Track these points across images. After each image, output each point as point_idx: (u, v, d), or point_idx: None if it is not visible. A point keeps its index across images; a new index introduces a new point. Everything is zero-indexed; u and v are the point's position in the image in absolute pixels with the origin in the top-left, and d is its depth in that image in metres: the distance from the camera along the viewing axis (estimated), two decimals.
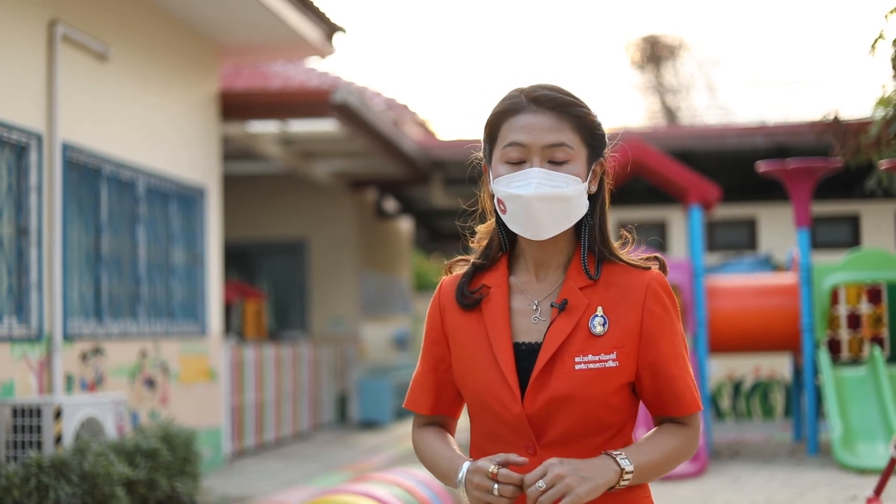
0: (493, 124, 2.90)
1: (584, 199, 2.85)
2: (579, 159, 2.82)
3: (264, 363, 15.47)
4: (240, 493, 11.11)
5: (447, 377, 2.97)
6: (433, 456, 2.95)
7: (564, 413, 2.77)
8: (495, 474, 2.66)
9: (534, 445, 2.78)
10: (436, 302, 3.01)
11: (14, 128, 9.05)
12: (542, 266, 2.90)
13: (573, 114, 2.82)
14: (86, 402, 8.83)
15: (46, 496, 7.72)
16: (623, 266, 2.88)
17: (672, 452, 2.84)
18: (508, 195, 2.80)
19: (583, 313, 2.81)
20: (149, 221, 11.52)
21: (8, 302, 9.01)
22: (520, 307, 2.88)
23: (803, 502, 9.64)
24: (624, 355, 2.80)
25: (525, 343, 2.84)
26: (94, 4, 10.54)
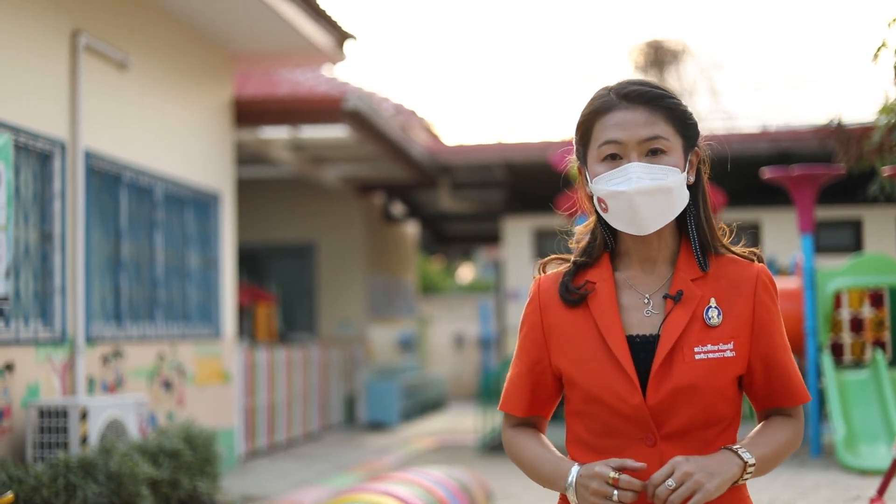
0: (585, 125, 2.89)
1: (685, 189, 2.84)
2: (675, 150, 2.82)
3: (275, 365, 15.72)
4: (254, 492, 11.34)
5: (543, 378, 2.94)
6: (533, 458, 2.90)
7: (686, 404, 2.75)
8: (616, 480, 2.64)
9: (654, 437, 2.76)
10: (534, 301, 2.97)
11: (39, 136, 9.28)
12: (647, 261, 2.89)
13: (664, 105, 2.83)
14: (110, 403, 9.07)
15: (74, 495, 7.95)
16: (729, 258, 2.89)
17: (785, 444, 2.85)
18: (609, 193, 2.80)
19: (697, 304, 2.81)
20: (166, 226, 11.76)
21: (33, 306, 9.25)
22: (629, 302, 2.87)
23: (806, 502, 9.87)
24: (739, 346, 2.80)
25: (639, 336, 2.82)
26: (114, 14, 10.78)
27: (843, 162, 11.99)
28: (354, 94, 14.47)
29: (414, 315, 25.54)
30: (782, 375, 2.85)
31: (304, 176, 18.57)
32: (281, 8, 12.17)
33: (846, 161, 11.97)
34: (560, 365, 2.89)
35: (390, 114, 17.77)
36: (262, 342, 16.85)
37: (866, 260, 13.39)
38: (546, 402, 2.97)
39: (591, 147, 2.86)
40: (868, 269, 13.21)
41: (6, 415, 8.61)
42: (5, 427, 8.58)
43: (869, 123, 11.61)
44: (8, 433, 8.60)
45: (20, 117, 9.02)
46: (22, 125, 9.02)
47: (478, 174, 19.80)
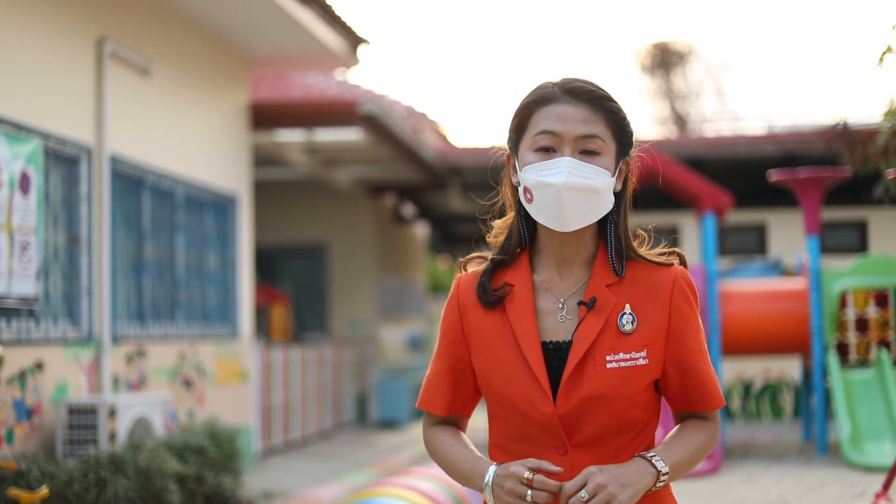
0: (523, 113, 2.84)
1: (611, 194, 2.80)
2: (609, 154, 2.78)
3: (290, 365, 15.98)
4: (274, 488, 11.60)
5: (464, 377, 2.91)
6: (451, 456, 2.90)
7: (596, 412, 2.73)
8: (530, 480, 2.62)
9: (565, 445, 2.74)
10: (454, 300, 2.94)
11: (67, 141, 9.54)
12: (564, 262, 2.85)
13: (606, 108, 2.79)
14: (137, 401, 9.33)
15: (105, 490, 8.20)
16: (645, 263, 2.85)
17: (699, 448, 2.83)
18: (538, 183, 2.75)
19: (611, 311, 2.77)
20: (186, 228, 12.02)
21: (62, 306, 9.51)
22: (545, 306, 2.83)
23: (814, 498, 10.11)
24: (653, 353, 2.76)
25: (553, 342, 2.78)
26: (137, 21, 11.03)
27: (849, 164, 12.20)
28: (370, 98, 14.73)
29: (423, 315, 25.78)
30: (697, 381, 2.82)
31: (316, 178, 18.83)
32: (298, 14, 12.42)
33: (852, 163, 12.16)
34: (477, 367, 2.86)
35: (402, 116, 18.02)
36: (277, 342, 17.11)
37: (871, 261, 13.61)
38: (467, 401, 2.96)
39: (525, 136, 2.82)
40: (873, 269, 13.43)
41: (36, 412, 8.86)
42: (35, 424, 8.84)
43: (874, 126, 11.83)
44: (38, 430, 8.86)
45: (49, 123, 9.28)
46: (51, 131, 9.27)
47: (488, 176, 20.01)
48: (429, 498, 6.92)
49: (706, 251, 13.52)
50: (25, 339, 8.75)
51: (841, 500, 9.97)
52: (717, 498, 10.26)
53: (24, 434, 8.67)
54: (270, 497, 11.05)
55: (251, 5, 11.98)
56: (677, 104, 38.82)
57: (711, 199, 13.56)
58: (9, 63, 8.85)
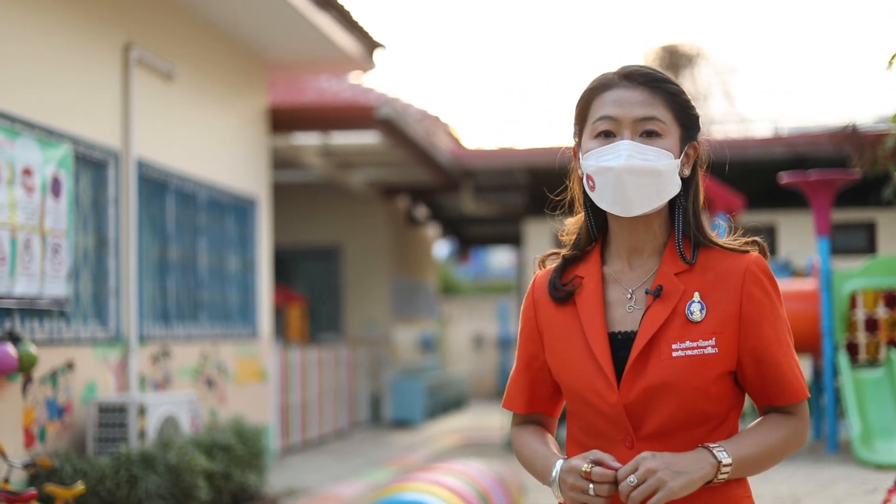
0: (583, 102, 2.83)
1: (676, 177, 2.75)
2: (671, 136, 2.74)
3: (307, 365, 16.21)
4: (295, 486, 11.82)
5: (541, 374, 2.89)
6: (528, 454, 2.86)
7: (662, 403, 2.66)
8: (589, 473, 2.58)
9: (631, 438, 2.68)
10: (529, 298, 2.93)
11: (95, 146, 9.76)
12: (635, 252, 2.81)
13: (665, 90, 2.75)
14: (165, 400, 9.56)
15: (136, 486, 8.42)
16: (720, 250, 2.77)
17: (777, 444, 2.71)
18: (598, 168, 2.72)
19: (679, 299, 2.70)
20: (208, 231, 12.24)
21: (91, 307, 9.73)
22: (615, 297, 2.79)
23: (825, 494, 10.30)
24: (723, 341, 2.67)
25: (621, 332, 2.74)
26: (161, 28, 11.26)
27: (858, 166, 12.37)
28: (387, 103, 14.95)
29: (434, 315, 25.99)
30: (775, 371, 2.71)
31: (331, 180, 19.06)
32: (316, 19, 12.63)
33: (860, 165, 12.34)
34: (550, 363, 2.85)
35: (416, 119, 18.25)
36: (294, 342, 17.34)
37: (880, 262, 13.78)
38: (548, 400, 2.94)
39: (586, 124, 2.80)
40: (882, 270, 13.59)
41: (67, 411, 9.09)
42: (67, 423, 9.06)
43: (883, 129, 12.01)
44: (69, 428, 9.08)
45: (79, 128, 9.51)
46: (80, 136, 9.50)
47: (500, 178, 20.24)
48: (454, 493, 7.13)
49: None
50: (57, 339, 8.97)
51: (852, 496, 10.15)
52: None
53: (55, 432, 8.89)
54: (294, 494, 11.28)
55: (271, 11, 12.20)
56: None
57: (722, 201, 13.76)
58: (40, 71, 9.07)
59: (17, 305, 8.34)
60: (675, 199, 2.78)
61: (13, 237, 8.23)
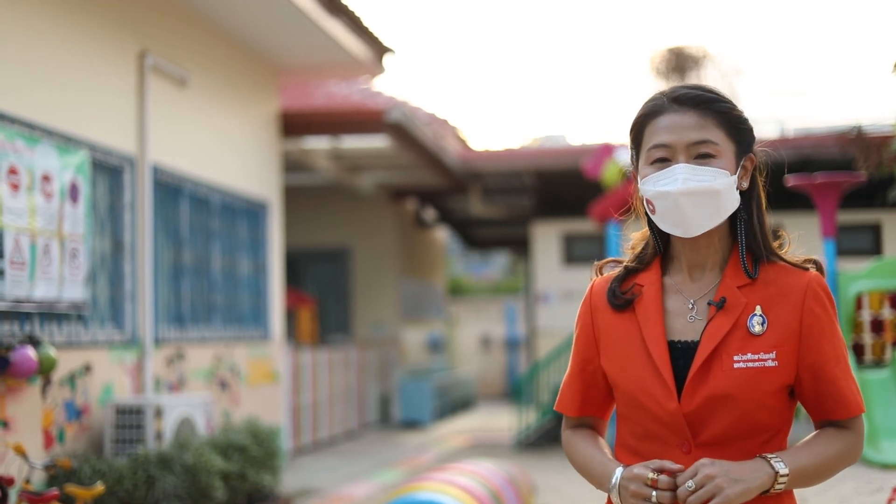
0: (636, 129, 2.89)
1: (735, 193, 2.80)
2: (726, 155, 2.78)
3: (318, 366, 16.36)
4: (308, 486, 11.97)
5: (595, 378, 2.95)
6: (584, 459, 2.91)
7: (722, 412, 2.72)
8: (655, 481, 2.63)
9: (689, 444, 2.73)
10: (587, 303, 2.99)
11: (111, 152, 9.92)
12: (696, 267, 2.87)
13: (716, 109, 2.80)
14: (181, 402, 9.71)
15: (154, 486, 8.57)
16: (781, 266, 2.84)
17: (833, 457, 2.77)
18: (656, 193, 2.78)
19: (741, 312, 2.76)
20: (221, 234, 12.39)
21: (108, 310, 9.89)
22: (675, 307, 2.85)
23: (832, 494, 10.43)
24: (783, 356, 2.74)
25: (681, 341, 2.80)
26: (175, 34, 11.41)
27: (863, 168, 12.47)
28: (396, 107, 15.10)
29: (442, 316, 26.12)
30: (833, 387, 2.77)
31: (340, 183, 19.21)
32: (327, 25, 12.77)
33: (866, 168, 12.44)
34: (606, 367, 2.90)
35: (425, 123, 18.40)
36: (304, 344, 17.49)
37: (886, 263, 13.84)
38: (600, 403, 2.99)
39: (642, 150, 2.85)
40: (888, 272, 13.64)
41: (85, 412, 9.24)
42: (85, 424, 9.21)
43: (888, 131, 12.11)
44: (87, 430, 9.23)
45: (95, 135, 9.66)
46: (97, 142, 9.65)
47: (508, 180, 20.38)
48: (467, 492, 7.27)
49: None
50: (75, 342, 9.12)
51: (858, 496, 10.28)
52: None
53: (74, 433, 9.04)
54: (307, 494, 11.43)
55: (283, 18, 12.34)
56: None
57: None
58: (58, 78, 9.23)
59: (37, 309, 8.49)
60: (735, 212, 2.84)
61: (33, 242, 8.38)
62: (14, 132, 8.28)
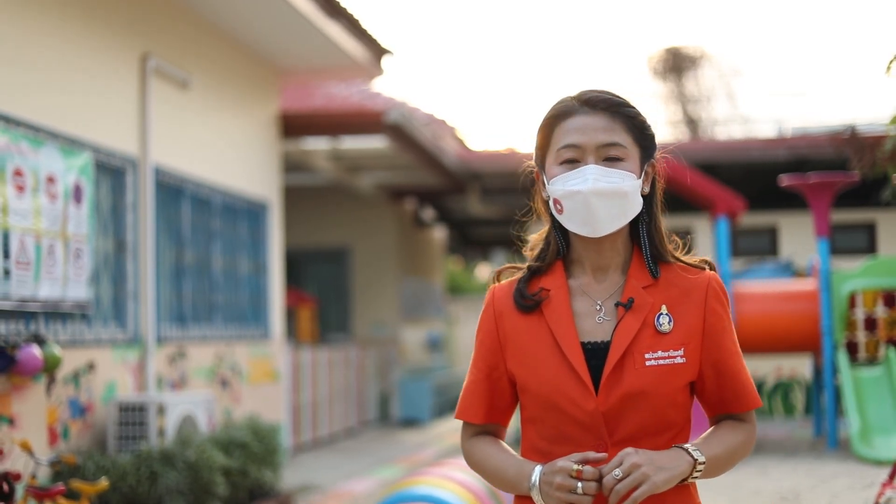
0: (546, 129, 2.92)
1: (639, 196, 2.87)
2: (632, 158, 2.84)
3: (318, 365, 16.52)
4: (308, 483, 12.12)
5: (500, 385, 2.96)
6: (495, 464, 2.92)
7: (636, 410, 2.78)
8: (580, 472, 2.66)
9: (605, 443, 2.78)
10: (489, 309, 2.99)
11: (114, 154, 10.07)
12: (599, 269, 2.91)
13: (624, 114, 2.85)
14: (183, 399, 9.86)
15: (156, 483, 8.72)
16: (680, 266, 2.92)
17: (736, 446, 2.88)
18: (566, 192, 2.81)
19: (648, 311, 2.82)
20: (222, 235, 12.54)
21: (111, 310, 10.04)
22: (582, 308, 2.88)
23: (825, 489, 10.56)
24: (690, 352, 2.82)
25: (591, 342, 2.83)
26: (177, 37, 11.56)
27: (857, 168, 12.59)
28: (395, 108, 15.26)
29: (441, 316, 26.25)
30: (733, 382, 2.88)
31: (340, 183, 19.35)
32: (326, 28, 12.91)
33: (860, 167, 12.55)
34: (515, 371, 2.90)
35: (423, 123, 18.55)
36: (305, 343, 17.64)
37: (880, 262, 13.99)
38: (504, 410, 2.99)
39: (550, 151, 2.88)
40: (881, 271, 13.79)
41: (89, 410, 9.39)
42: (89, 422, 9.36)
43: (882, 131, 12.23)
44: (91, 427, 9.39)
45: (98, 137, 9.81)
46: (100, 144, 9.80)
47: (507, 180, 20.51)
48: (465, 487, 7.41)
49: (720, 253, 13.96)
50: (79, 340, 9.27)
51: (851, 490, 10.41)
52: (733, 489, 10.71)
53: (78, 430, 9.19)
54: (309, 490, 11.58)
55: (283, 20, 12.48)
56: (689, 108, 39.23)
57: (725, 203, 14.01)
58: (62, 81, 9.38)
59: (42, 308, 8.63)
60: (637, 217, 2.92)
61: (38, 243, 8.53)
62: (19, 134, 8.43)
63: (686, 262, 2.94)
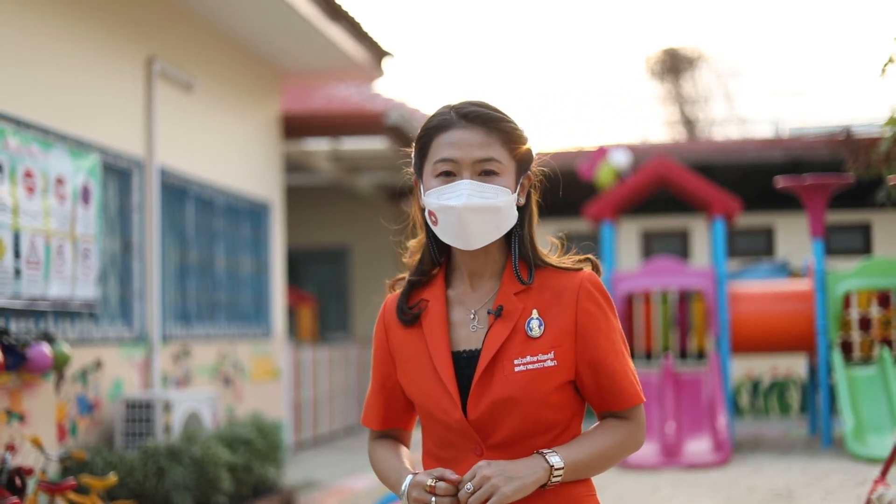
0: (423, 140, 2.97)
1: (514, 209, 2.90)
2: (508, 172, 2.88)
3: (318, 363, 16.70)
4: (310, 479, 12.30)
5: (394, 393, 3.05)
6: (383, 468, 3.04)
7: (507, 415, 2.82)
8: (433, 488, 2.73)
9: (481, 448, 2.84)
10: (380, 321, 3.08)
11: (121, 156, 10.24)
12: (476, 276, 2.96)
13: (501, 129, 2.89)
14: (188, 397, 10.04)
15: (163, 478, 8.90)
16: (554, 270, 2.94)
17: (611, 446, 2.88)
18: (440, 207, 2.85)
19: (519, 317, 2.86)
20: (224, 235, 12.71)
21: (118, 308, 10.21)
22: (458, 318, 2.94)
23: (818, 486, 10.74)
24: (561, 354, 2.84)
25: (466, 351, 2.90)
26: (182, 40, 11.72)
27: (853, 170, 12.75)
28: (395, 109, 15.42)
29: None
30: (611, 380, 2.88)
31: (340, 184, 19.51)
32: (328, 30, 13.08)
33: (855, 169, 12.72)
34: (402, 382, 3.01)
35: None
36: (305, 341, 17.81)
37: (874, 263, 14.12)
38: (401, 415, 3.10)
39: (427, 162, 2.94)
40: (876, 271, 13.92)
41: (96, 407, 9.56)
42: (96, 418, 9.53)
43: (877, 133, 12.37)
44: (98, 424, 9.56)
45: (106, 139, 9.98)
46: (107, 146, 9.97)
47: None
48: None
49: (716, 254, 14.12)
50: (87, 339, 9.45)
51: (844, 487, 10.58)
52: (728, 487, 10.90)
53: (86, 427, 9.37)
54: (311, 487, 11.76)
55: (285, 23, 12.64)
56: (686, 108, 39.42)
57: (721, 204, 14.16)
58: (71, 85, 9.55)
59: (51, 307, 8.81)
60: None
61: (47, 243, 8.70)
62: (30, 137, 8.61)
63: (560, 265, 2.96)
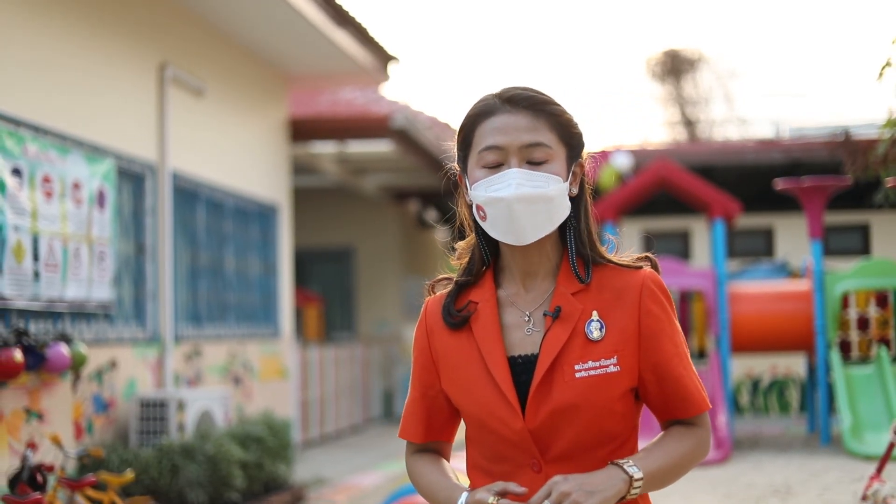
0: (466, 129, 2.75)
1: (566, 199, 2.69)
2: (558, 159, 2.67)
3: (325, 362, 16.95)
4: (319, 476, 12.55)
5: (437, 404, 2.82)
6: (429, 485, 2.77)
7: (568, 425, 2.61)
8: None
9: (539, 462, 2.63)
10: (422, 325, 2.85)
11: (134, 160, 10.48)
12: (529, 276, 2.74)
13: (548, 112, 2.68)
14: (201, 396, 10.29)
15: (177, 475, 9.15)
16: (614, 268, 2.73)
17: (684, 455, 2.69)
18: (488, 199, 2.64)
19: (578, 319, 2.65)
20: (234, 237, 12.94)
21: (132, 309, 10.46)
22: (511, 321, 2.72)
23: (816, 482, 10.96)
24: (625, 359, 2.64)
25: (521, 356, 2.68)
26: (193, 46, 11.96)
27: (851, 171, 12.93)
28: (400, 113, 15.66)
29: None
30: (677, 385, 2.68)
31: (345, 185, 19.74)
32: (335, 36, 13.31)
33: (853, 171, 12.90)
34: (448, 390, 2.77)
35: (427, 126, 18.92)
36: (311, 341, 18.05)
37: (872, 264, 14.29)
38: (444, 427, 2.86)
39: (471, 152, 2.72)
40: (874, 272, 14.10)
41: (112, 406, 9.80)
42: (111, 417, 9.78)
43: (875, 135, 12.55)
44: (113, 422, 9.80)
45: (120, 144, 10.22)
46: (122, 151, 10.22)
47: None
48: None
49: (716, 254, 14.31)
50: (103, 339, 9.69)
51: (841, 484, 10.80)
52: (728, 483, 11.12)
53: (101, 425, 9.61)
54: (320, 483, 12.01)
55: (293, 29, 12.87)
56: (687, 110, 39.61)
57: (721, 205, 14.35)
58: (86, 91, 9.79)
59: (68, 309, 9.05)
60: (565, 219, 2.74)
61: (65, 246, 8.94)
62: (48, 143, 8.85)
63: (621, 262, 2.75)
